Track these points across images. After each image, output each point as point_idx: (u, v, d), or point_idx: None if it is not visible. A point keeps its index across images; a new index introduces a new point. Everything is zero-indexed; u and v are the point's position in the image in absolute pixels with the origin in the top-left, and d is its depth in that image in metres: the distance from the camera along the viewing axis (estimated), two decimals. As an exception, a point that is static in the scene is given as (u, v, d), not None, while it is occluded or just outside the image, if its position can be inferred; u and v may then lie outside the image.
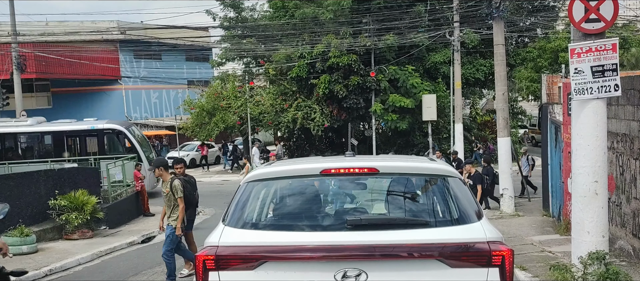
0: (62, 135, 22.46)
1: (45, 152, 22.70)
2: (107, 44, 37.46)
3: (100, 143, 22.35)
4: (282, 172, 4.83)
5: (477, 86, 31.35)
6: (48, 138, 22.82)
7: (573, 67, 7.39)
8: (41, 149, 23.00)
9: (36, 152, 22.92)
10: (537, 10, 29.84)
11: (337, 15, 26.93)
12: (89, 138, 22.57)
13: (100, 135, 22.36)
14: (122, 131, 22.21)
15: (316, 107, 26.73)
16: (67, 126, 22.92)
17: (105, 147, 22.38)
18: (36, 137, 23.01)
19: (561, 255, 9.88)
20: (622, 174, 9.41)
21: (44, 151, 22.82)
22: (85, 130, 22.56)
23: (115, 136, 22.50)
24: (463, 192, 4.41)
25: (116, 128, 22.41)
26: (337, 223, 4.36)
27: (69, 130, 22.58)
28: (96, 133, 22.37)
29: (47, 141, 22.87)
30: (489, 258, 3.91)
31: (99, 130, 22.36)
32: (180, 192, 9.40)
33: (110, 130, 22.43)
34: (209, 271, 4.01)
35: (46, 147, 22.94)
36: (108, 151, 22.23)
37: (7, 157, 21.88)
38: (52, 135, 22.64)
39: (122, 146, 22.33)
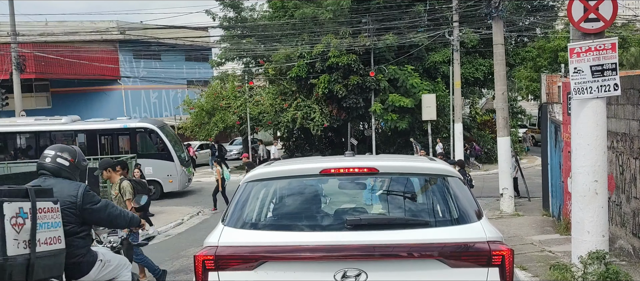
0: (95, 134, 22.55)
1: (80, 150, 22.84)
2: (107, 44, 37.44)
3: (133, 142, 22.39)
4: (282, 171, 4.82)
5: (477, 86, 31.36)
6: (81, 136, 22.93)
7: (572, 66, 7.39)
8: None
9: None
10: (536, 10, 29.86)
11: (337, 15, 26.93)
12: (122, 136, 22.63)
13: (132, 134, 22.40)
14: (154, 130, 22.27)
15: (316, 107, 26.73)
16: (100, 124, 23.18)
17: (137, 146, 22.41)
18: (70, 136, 23.08)
19: (561, 254, 9.88)
20: (622, 173, 9.41)
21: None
22: (117, 129, 22.65)
23: (147, 135, 22.54)
24: (463, 191, 4.41)
25: (148, 127, 22.46)
26: (336, 223, 4.35)
27: (101, 129, 22.73)
28: (128, 132, 22.42)
29: (80, 140, 22.94)
30: (489, 258, 3.90)
31: (131, 128, 22.43)
32: (129, 193, 8.98)
33: (142, 129, 22.49)
34: (209, 271, 4.01)
35: (79, 145, 22.88)
36: (140, 150, 22.28)
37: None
38: (86, 133, 22.78)
39: (154, 145, 22.41)
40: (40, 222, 4.09)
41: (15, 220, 3.92)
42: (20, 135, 23.14)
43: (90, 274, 4.81)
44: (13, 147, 23.27)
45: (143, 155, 21.67)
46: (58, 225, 4.29)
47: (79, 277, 4.74)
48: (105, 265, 4.97)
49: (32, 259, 3.99)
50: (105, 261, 4.99)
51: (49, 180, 4.73)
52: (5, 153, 22.89)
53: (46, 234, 4.14)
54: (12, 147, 23.26)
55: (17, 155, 22.76)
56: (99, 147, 22.32)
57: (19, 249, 3.92)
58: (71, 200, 4.65)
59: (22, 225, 3.97)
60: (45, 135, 22.87)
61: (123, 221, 5.17)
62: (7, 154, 22.81)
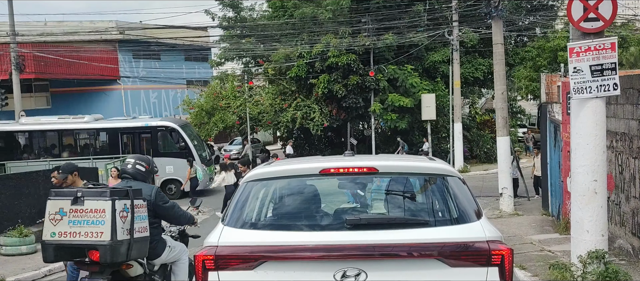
0: (116, 132, 22.58)
1: (100, 148, 22.92)
2: (106, 44, 37.42)
3: (154, 141, 22.42)
4: (281, 171, 4.82)
5: (476, 85, 31.36)
6: (103, 135, 23.03)
7: (572, 66, 7.40)
8: (96, 146, 23.23)
9: (91, 149, 23.15)
10: (536, 10, 29.88)
11: (336, 15, 26.93)
12: (143, 135, 22.65)
13: (153, 133, 22.43)
14: (175, 128, 22.27)
15: (315, 107, 26.73)
16: (121, 123, 23.29)
17: (158, 144, 22.45)
18: (92, 134, 23.26)
19: (561, 254, 9.88)
20: (621, 173, 9.42)
21: (98, 148, 23.05)
22: (139, 127, 22.75)
23: (168, 133, 22.50)
24: (462, 191, 4.41)
25: (169, 126, 22.48)
26: (336, 223, 4.36)
27: (123, 127, 22.78)
28: (150, 130, 22.46)
29: (102, 138, 23.07)
30: (488, 258, 3.90)
31: (152, 127, 22.48)
32: None
33: (163, 127, 22.50)
34: (209, 271, 4.01)
35: (101, 143, 23.16)
36: (161, 148, 22.36)
37: (65, 153, 22.49)
38: (107, 132, 22.84)
39: (175, 143, 22.36)
40: (136, 215, 5.35)
41: (122, 213, 5.24)
42: (45, 134, 23.34)
43: (162, 256, 6.09)
44: (38, 145, 23.51)
45: (164, 153, 21.79)
46: (145, 217, 5.53)
47: (154, 258, 6.01)
48: (172, 249, 6.25)
49: (131, 242, 5.28)
50: (172, 247, 6.27)
51: (130, 182, 5.94)
52: (30, 151, 23.23)
53: (139, 224, 5.40)
54: (37, 145, 23.51)
55: (40, 153, 22.99)
56: (121, 145, 22.38)
57: (123, 235, 5.22)
58: (147, 199, 5.68)
59: (126, 217, 5.28)
60: (69, 134, 23.18)
61: (184, 220, 6.41)
62: (31, 153, 23.12)
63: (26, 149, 23.36)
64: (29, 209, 14.50)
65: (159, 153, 21.70)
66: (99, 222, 5.14)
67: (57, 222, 5.34)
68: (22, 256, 12.76)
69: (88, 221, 5.16)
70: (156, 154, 21.68)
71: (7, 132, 22.99)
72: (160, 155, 21.36)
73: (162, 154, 21.68)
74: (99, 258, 5.15)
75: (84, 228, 5.17)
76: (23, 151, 23.26)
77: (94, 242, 5.13)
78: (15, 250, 12.83)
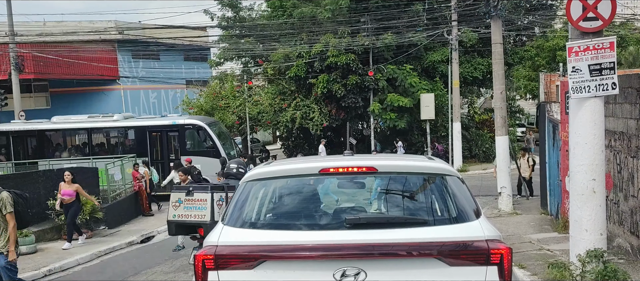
0: (144, 131, 22.59)
1: (129, 146, 22.98)
2: (105, 44, 37.40)
3: (181, 139, 22.39)
4: (281, 171, 4.83)
5: (475, 85, 31.38)
6: (131, 133, 23.10)
7: (571, 65, 7.41)
8: (125, 144, 23.30)
9: (120, 147, 23.24)
10: (535, 9, 29.90)
11: (335, 15, 26.94)
12: (170, 133, 22.63)
13: (180, 131, 22.36)
14: (202, 126, 22.16)
15: (315, 107, 26.74)
16: (149, 121, 23.39)
17: (186, 143, 22.41)
18: (121, 132, 23.35)
19: (559, 253, 9.90)
20: (619, 172, 9.44)
21: (127, 146, 23.11)
22: (166, 125, 22.69)
23: (195, 131, 22.41)
24: (461, 190, 4.43)
25: (196, 124, 22.34)
26: (335, 222, 4.36)
27: (151, 126, 22.80)
28: (177, 128, 22.39)
29: (130, 136, 23.13)
30: (487, 257, 3.91)
31: (179, 125, 22.39)
32: (9, 206, 7.76)
33: (190, 125, 22.37)
34: (208, 270, 4.02)
35: (129, 142, 23.21)
36: (189, 146, 22.32)
37: (95, 151, 22.69)
38: (135, 130, 22.90)
39: (202, 142, 22.27)
40: None
41: (219, 202, 7.16)
42: (75, 132, 23.61)
43: None
44: (69, 143, 23.74)
45: (191, 152, 21.70)
46: None
47: None
48: None
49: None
50: None
51: (232, 181, 7.76)
52: (61, 149, 23.44)
53: None
54: (68, 143, 23.75)
55: (71, 151, 23.19)
56: (149, 143, 22.39)
57: (219, 217, 5.84)
58: None
59: (221, 205, 7.12)
60: (98, 132, 23.37)
61: None
62: (62, 151, 23.31)
63: (58, 147, 23.62)
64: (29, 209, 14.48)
65: (186, 152, 21.68)
66: (203, 208, 7.20)
67: (176, 208, 7.36)
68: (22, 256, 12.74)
69: (196, 207, 7.25)
70: (183, 152, 21.82)
71: (39, 130, 23.34)
72: (188, 153, 21.34)
73: (189, 152, 21.61)
74: (203, 233, 7.00)
75: (193, 211, 7.26)
76: (55, 149, 23.53)
77: (200, 222, 7.22)
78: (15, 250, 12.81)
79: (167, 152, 22.70)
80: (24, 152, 23.08)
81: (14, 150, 22.83)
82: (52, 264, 12.02)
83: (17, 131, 23.13)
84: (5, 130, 23.11)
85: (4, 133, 23.06)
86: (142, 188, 19.13)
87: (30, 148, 23.33)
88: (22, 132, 23.23)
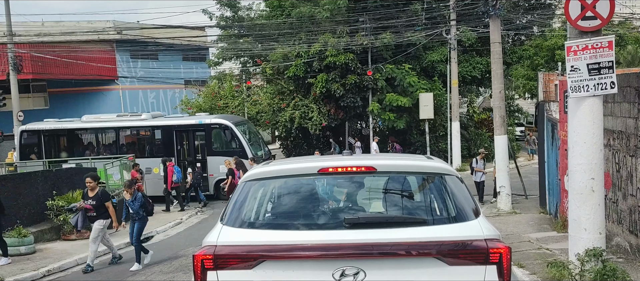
0: (171, 130, 22.40)
1: (156, 146, 22.90)
2: (104, 44, 37.38)
3: (208, 138, 22.15)
4: (280, 171, 4.83)
5: (474, 84, 31.39)
6: (158, 132, 22.92)
7: (569, 64, 7.42)
8: (153, 143, 23.20)
9: (147, 146, 23.18)
10: (533, 8, 29.91)
11: (334, 14, 26.93)
12: (197, 132, 22.45)
13: (207, 130, 22.14)
14: (229, 126, 21.81)
15: (313, 106, 26.74)
16: (176, 121, 23.18)
17: (212, 142, 22.18)
18: (148, 131, 23.25)
19: (558, 252, 9.91)
20: (618, 171, 9.44)
21: (155, 145, 23.01)
22: (193, 124, 22.50)
23: (222, 131, 22.12)
24: (460, 189, 4.43)
25: (223, 123, 22.01)
26: (335, 222, 4.35)
27: (178, 125, 22.60)
28: (204, 128, 22.18)
29: (157, 135, 22.97)
30: (486, 256, 3.91)
31: (206, 124, 22.14)
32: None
33: (217, 124, 22.09)
34: (208, 270, 4.01)
35: (156, 141, 23.08)
36: (215, 146, 22.13)
37: (124, 151, 22.63)
38: (162, 129, 22.70)
39: (229, 141, 21.98)
40: None
41: None
42: (103, 131, 23.59)
43: None
44: (99, 142, 23.74)
45: (217, 151, 21.53)
46: None
47: None
48: None
49: None
50: None
51: None
52: (91, 148, 23.51)
53: None
54: (98, 142, 23.74)
55: (99, 150, 23.24)
56: (176, 143, 22.22)
57: None
58: None
59: None
60: (126, 131, 23.35)
61: None
62: (91, 149, 23.40)
63: (89, 146, 23.71)
64: (28, 209, 14.49)
65: (213, 152, 21.51)
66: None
67: None
68: (21, 256, 12.76)
69: None
70: (210, 152, 21.65)
71: (69, 129, 23.54)
72: (214, 153, 21.23)
73: (215, 152, 21.46)
74: None
75: None
76: (85, 148, 23.62)
77: None
78: (14, 250, 12.83)
79: (194, 151, 22.44)
80: (55, 150, 23.26)
81: (45, 148, 23.10)
82: (51, 264, 12.01)
83: (48, 130, 23.41)
84: (36, 129, 23.42)
85: (36, 132, 23.35)
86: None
87: (61, 146, 23.47)
88: (53, 130, 23.47)
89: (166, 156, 21.39)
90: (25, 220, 14.09)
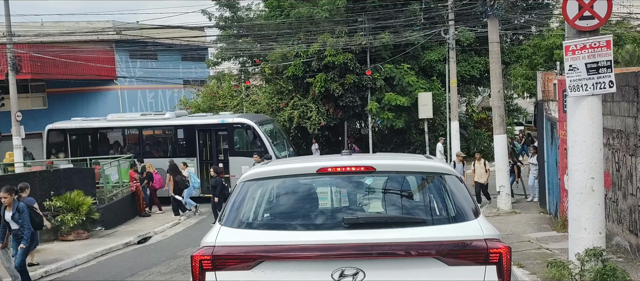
0: (193, 129, 22.03)
1: (178, 145, 22.66)
2: (103, 44, 37.32)
3: (230, 138, 21.68)
4: (279, 171, 4.81)
5: (473, 84, 31.39)
6: (180, 132, 22.67)
7: (568, 64, 7.41)
8: (176, 142, 22.93)
9: (170, 146, 22.94)
10: (531, 8, 29.91)
11: (333, 14, 26.92)
12: (220, 132, 21.96)
13: (229, 130, 21.62)
14: (251, 126, 21.18)
15: (312, 106, 26.71)
16: (199, 120, 22.80)
17: (235, 142, 21.71)
18: (170, 130, 23.01)
19: (558, 252, 9.90)
20: (618, 170, 9.44)
21: (177, 144, 22.76)
22: (215, 124, 22.01)
23: (244, 131, 21.57)
24: (460, 189, 4.41)
25: (245, 123, 21.42)
26: (334, 222, 4.34)
27: (200, 124, 22.19)
28: (225, 127, 21.69)
29: (179, 135, 22.71)
30: (486, 256, 3.90)
31: (228, 124, 21.64)
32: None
33: (239, 124, 21.52)
34: (206, 271, 3.99)
35: (178, 140, 22.83)
36: (238, 146, 21.65)
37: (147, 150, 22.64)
38: (184, 128, 22.44)
39: (251, 141, 21.39)
40: None
41: None
42: (128, 130, 23.48)
43: None
44: (124, 141, 23.66)
45: (240, 152, 20.98)
46: None
47: None
48: None
49: None
50: None
51: None
52: (115, 147, 23.47)
53: None
54: (122, 141, 23.68)
55: (123, 149, 23.15)
56: (198, 142, 21.87)
57: None
58: None
59: None
60: (150, 130, 23.17)
61: None
62: (115, 148, 23.36)
63: (114, 145, 23.65)
64: (26, 210, 14.44)
65: (235, 152, 21.05)
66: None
67: None
68: (19, 257, 12.70)
69: None
70: (232, 153, 21.13)
71: (94, 128, 23.59)
72: (236, 154, 20.73)
73: (237, 153, 20.94)
74: None
75: None
76: (110, 147, 23.54)
77: None
78: (12, 251, 12.78)
79: (216, 151, 21.93)
80: (80, 149, 23.20)
81: (71, 147, 23.19)
82: (48, 265, 11.99)
83: (74, 128, 23.55)
84: (63, 128, 23.55)
85: (62, 131, 23.47)
86: (139, 188, 19.09)
87: (86, 145, 23.42)
88: (79, 129, 23.57)
89: (188, 156, 21.15)
90: (24, 220, 14.04)
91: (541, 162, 15.68)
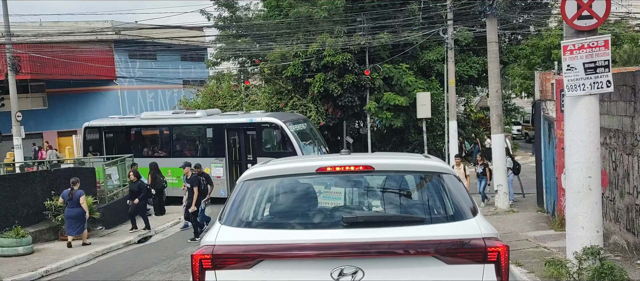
0: (222, 128, 21.67)
1: (207, 145, 22.46)
2: (102, 44, 37.34)
3: (258, 137, 21.16)
4: (278, 170, 4.84)
5: (471, 83, 31.43)
6: (209, 131, 22.45)
7: (566, 63, 7.44)
8: (204, 142, 22.70)
9: (199, 145, 22.77)
10: (529, 8, 29.94)
11: (331, 14, 26.94)
12: (248, 132, 21.47)
13: (258, 129, 21.09)
14: (279, 125, 20.50)
15: (311, 106, 26.74)
16: (228, 119, 22.37)
17: (263, 142, 21.20)
18: (199, 129, 22.87)
19: (556, 250, 9.94)
20: (615, 169, 9.48)
21: (206, 144, 22.54)
22: (243, 123, 21.54)
23: (272, 130, 20.93)
24: (458, 188, 4.44)
25: (273, 122, 20.77)
26: (333, 221, 4.36)
27: (229, 123, 21.79)
28: (254, 126, 21.19)
29: (209, 134, 22.49)
30: (484, 254, 3.93)
31: (256, 123, 21.13)
32: None
33: (267, 123, 20.93)
34: (206, 270, 4.01)
35: (207, 139, 22.59)
36: (267, 146, 21.17)
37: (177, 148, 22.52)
38: (213, 127, 22.17)
39: (279, 141, 20.73)
40: None
41: None
42: (160, 129, 23.35)
43: None
44: (156, 139, 23.59)
45: (268, 152, 20.27)
46: None
47: None
48: None
49: None
50: None
51: None
52: (147, 145, 23.45)
53: None
54: (155, 138, 23.61)
55: (155, 148, 23.12)
56: (227, 142, 21.50)
57: None
58: None
59: None
60: (179, 128, 22.96)
61: None
62: (148, 147, 23.33)
63: (148, 143, 23.62)
64: (26, 210, 14.49)
65: (263, 152, 20.42)
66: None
67: None
68: (19, 257, 12.77)
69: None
70: (260, 153, 20.47)
71: (128, 126, 23.73)
72: (264, 155, 19.75)
73: (265, 153, 20.13)
74: None
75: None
76: (143, 145, 23.49)
77: None
78: (12, 251, 12.84)
79: (245, 151, 21.45)
80: (114, 146, 23.30)
81: (106, 145, 23.31)
82: (49, 264, 12.02)
83: (108, 126, 23.68)
84: (98, 126, 23.72)
85: (98, 129, 23.62)
86: None
87: (121, 143, 23.46)
88: (113, 127, 23.66)
89: (216, 156, 20.97)
90: (23, 220, 14.09)
91: (538, 161, 15.73)
